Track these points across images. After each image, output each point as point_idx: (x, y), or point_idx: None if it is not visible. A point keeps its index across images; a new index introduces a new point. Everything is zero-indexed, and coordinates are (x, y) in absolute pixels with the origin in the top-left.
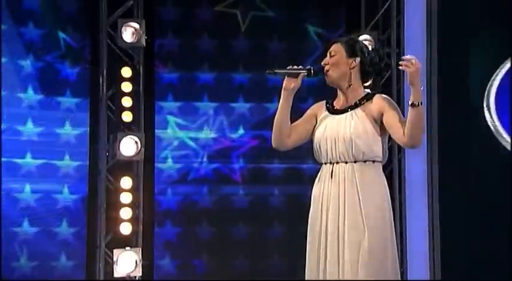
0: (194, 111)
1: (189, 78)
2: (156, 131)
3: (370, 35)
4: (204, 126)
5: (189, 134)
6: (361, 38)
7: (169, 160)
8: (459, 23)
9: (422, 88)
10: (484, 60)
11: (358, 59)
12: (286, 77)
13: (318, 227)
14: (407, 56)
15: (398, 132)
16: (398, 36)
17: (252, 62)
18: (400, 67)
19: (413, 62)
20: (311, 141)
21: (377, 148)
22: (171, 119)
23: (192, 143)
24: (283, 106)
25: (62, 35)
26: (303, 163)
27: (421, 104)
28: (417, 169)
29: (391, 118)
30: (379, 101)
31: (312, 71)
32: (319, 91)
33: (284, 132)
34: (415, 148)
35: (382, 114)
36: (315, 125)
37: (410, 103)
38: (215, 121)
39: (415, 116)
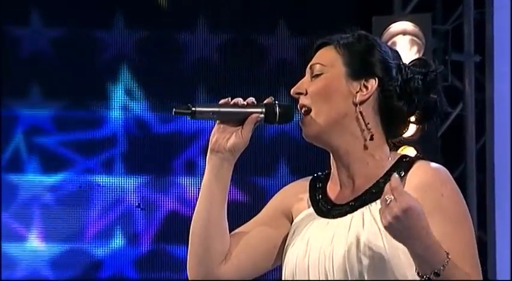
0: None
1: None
2: None
3: (413, 22)
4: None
5: None
6: (396, 28)
7: None
8: None
9: None
10: None
11: (373, 82)
12: (217, 122)
13: None
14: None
15: None
16: (481, 26)
17: (148, 83)
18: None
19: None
20: (278, 272)
21: None
22: None
23: None
24: (210, 188)
25: None
26: None
27: (436, 275)
28: None
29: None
30: (416, 181)
31: (278, 110)
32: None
33: (214, 248)
34: None
35: None
36: (285, 238)
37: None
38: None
39: None
